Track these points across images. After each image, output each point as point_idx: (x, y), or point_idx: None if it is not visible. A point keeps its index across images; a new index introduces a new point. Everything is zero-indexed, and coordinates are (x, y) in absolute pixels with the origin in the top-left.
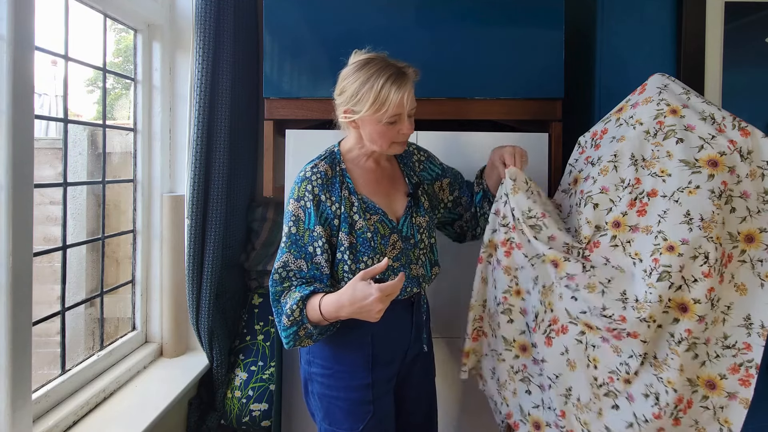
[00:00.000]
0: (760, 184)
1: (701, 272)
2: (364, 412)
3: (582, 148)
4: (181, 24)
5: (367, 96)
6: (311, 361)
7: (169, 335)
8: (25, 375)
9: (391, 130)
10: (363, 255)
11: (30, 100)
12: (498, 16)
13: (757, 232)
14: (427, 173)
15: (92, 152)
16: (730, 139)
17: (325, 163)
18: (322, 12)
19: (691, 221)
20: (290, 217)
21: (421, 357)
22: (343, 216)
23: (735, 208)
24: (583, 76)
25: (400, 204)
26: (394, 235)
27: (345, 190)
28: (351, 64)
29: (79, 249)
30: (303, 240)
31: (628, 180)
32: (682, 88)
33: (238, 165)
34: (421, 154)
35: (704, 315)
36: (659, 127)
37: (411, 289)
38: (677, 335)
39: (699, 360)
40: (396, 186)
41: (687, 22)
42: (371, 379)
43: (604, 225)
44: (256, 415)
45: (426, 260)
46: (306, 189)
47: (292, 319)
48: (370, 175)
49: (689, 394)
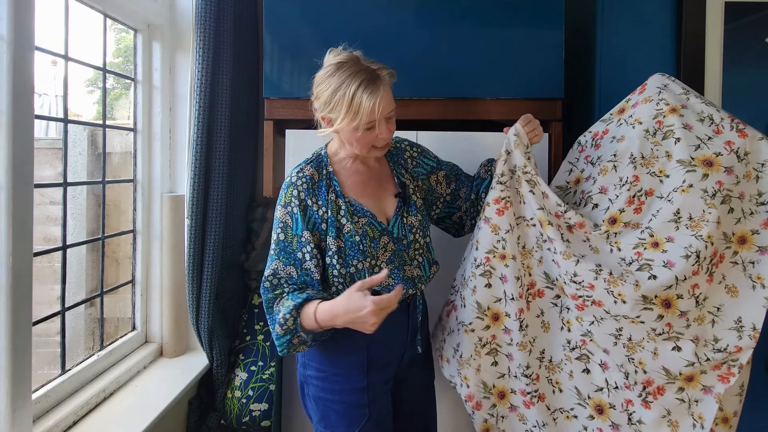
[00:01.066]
0: (754, 185)
1: (691, 271)
2: (359, 415)
3: (582, 147)
4: (181, 24)
5: (340, 105)
6: (306, 363)
7: (169, 335)
8: (25, 375)
9: (369, 136)
10: (352, 259)
11: (30, 100)
12: (498, 16)
13: (750, 234)
14: (421, 168)
15: (92, 152)
16: (727, 140)
17: (311, 167)
18: (322, 12)
19: (679, 220)
20: (278, 223)
21: (419, 359)
22: (330, 220)
23: (733, 209)
24: (583, 76)
25: (389, 205)
26: (384, 237)
27: (332, 193)
28: (324, 67)
29: (79, 249)
30: (292, 246)
31: (626, 178)
32: (681, 88)
33: (238, 165)
34: (413, 150)
35: (686, 311)
36: (658, 126)
37: (406, 291)
38: (659, 329)
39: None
40: (385, 187)
41: (687, 22)
42: (366, 382)
43: (600, 222)
44: (256, 415)
45: (423, 260)
46: (292, 194)
47: (285, 328)
48: (358, 177)
49: (662, 382)
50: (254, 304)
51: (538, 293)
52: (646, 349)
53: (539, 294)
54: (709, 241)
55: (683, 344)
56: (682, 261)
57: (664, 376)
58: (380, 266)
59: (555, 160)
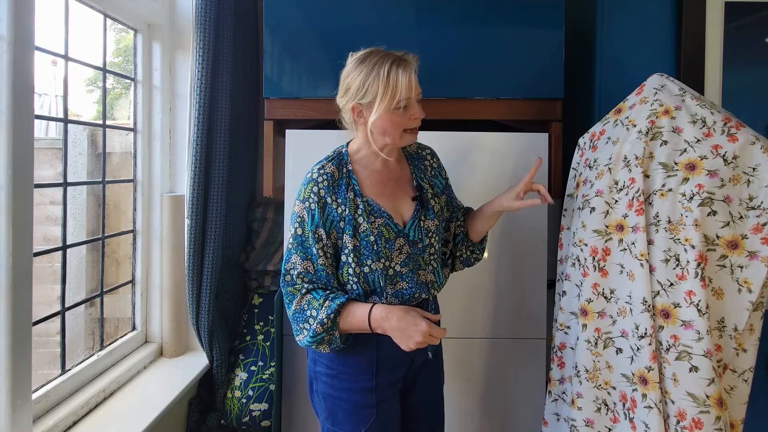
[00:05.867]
0: (744, 189)
1: (675, 275)
2: (367, 415)
3: (581, 150)
4: (181, 24)
5: (375, 84)
6: (317, 360)
7: (169, 335)
8: (25, 375)
9: (403, 117)
10: (366, 258)
11: (30, 100)
12: (498, 16)
13: (740, 239)
14: (437, 180)
15: (92, 152)
16: (715, 144)
17: (332, 165)
18: (322, 12)
19: (658, 223)
20: (296, 218)
21: (429, 363)
22: (348, 218)
23: (716, 212)
24: (583, 76)
25: (407, 207)
26: (400, 239)
27: (351, 191)
28: (349, 63)
29: (79, 249)
30: (308, 242)
31: (623, 182)
32: (679, 88)
33: (238, 165)
34: (433, 161)
35: (690, 321)
36: (651, 126)
37: (419, 295)
38: (665, 343)
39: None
40: (403, 189)
41: (687, 22)
42: (375, 382)
43: (605, 229)
44: (256, 415)
45: (437, 266)
46: (311, 191)
47: (326, 326)
48: (377, 177)
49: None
50: (254, 304)
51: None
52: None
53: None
54: (688, 244)
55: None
56: (662, 265)
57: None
58: (394, 268)
59: (554, 160)
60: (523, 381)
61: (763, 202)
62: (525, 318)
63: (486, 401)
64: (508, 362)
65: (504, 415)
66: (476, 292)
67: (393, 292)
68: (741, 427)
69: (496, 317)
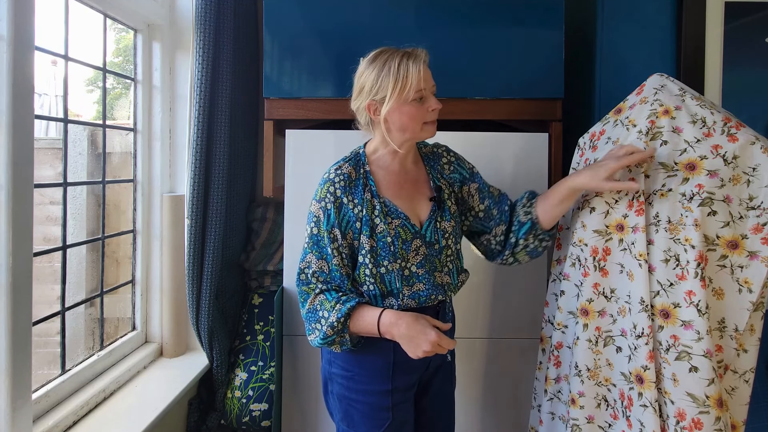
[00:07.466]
0: (744, 189)
1: (675, 275)
2: (383, 418)
3: (581, 150)
4: (181, 24)
5: (387, 79)
6: (332, 361)
7: (169, 335)
8: (25, 375)
9: (420, 110)
10: (383, 259)
11: (30, 100)
12: (498, 17)
13: (740, 239)
14: (456, 174)
15: (92, 152)
16: (715, 144)
17: (349, 165)
18: (322, 12)
19: (658, 223)
20: (312, 217)
21: (444, 367)
22: (365, 219)
23: (716, 212)
24: (583, 76)
25: (424, 208)
26: (417, 240)
27: (368, 192)
28: (362, 64)
29: (79, 249)
30: (323, 241)
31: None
32: (679, 88)
33: (238, 165)
34: (450, 156)
35: (690, 321)
36: (651, 126)
37: (435, 297)
38: (665, 343)
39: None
40: (420, 190)
41: (687, 22)
42: (391, 385)
43: (605, 229)
44: (256, 415)
45: (453, 267)
46: (328, 191)
47: (336, 329)
48: (394, 178)
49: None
50: (254, 304)
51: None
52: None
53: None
54: (688, 244)
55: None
56: (661, 265)
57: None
58: (410, 269)
59: (554, 160)
60: (523, 381)
61: (763, 202)
62: (525, 318)
63: (486, 401)
64: (507, 362)
65: (504, 415)
66: (476, 292)
67: (410, 294)
68: (743, 428)
69: (496, 317)
